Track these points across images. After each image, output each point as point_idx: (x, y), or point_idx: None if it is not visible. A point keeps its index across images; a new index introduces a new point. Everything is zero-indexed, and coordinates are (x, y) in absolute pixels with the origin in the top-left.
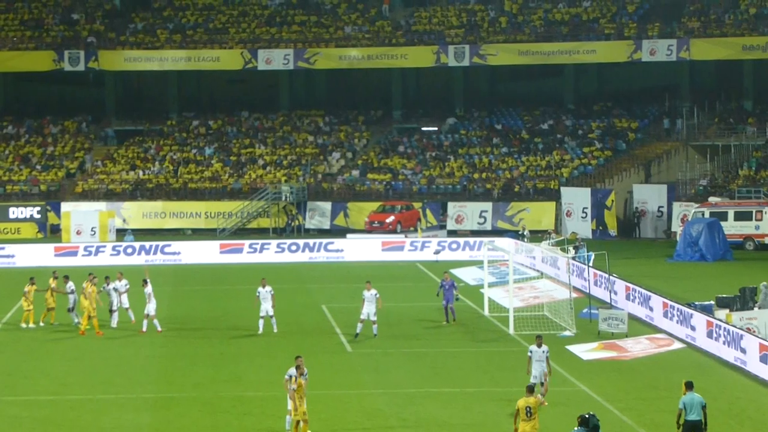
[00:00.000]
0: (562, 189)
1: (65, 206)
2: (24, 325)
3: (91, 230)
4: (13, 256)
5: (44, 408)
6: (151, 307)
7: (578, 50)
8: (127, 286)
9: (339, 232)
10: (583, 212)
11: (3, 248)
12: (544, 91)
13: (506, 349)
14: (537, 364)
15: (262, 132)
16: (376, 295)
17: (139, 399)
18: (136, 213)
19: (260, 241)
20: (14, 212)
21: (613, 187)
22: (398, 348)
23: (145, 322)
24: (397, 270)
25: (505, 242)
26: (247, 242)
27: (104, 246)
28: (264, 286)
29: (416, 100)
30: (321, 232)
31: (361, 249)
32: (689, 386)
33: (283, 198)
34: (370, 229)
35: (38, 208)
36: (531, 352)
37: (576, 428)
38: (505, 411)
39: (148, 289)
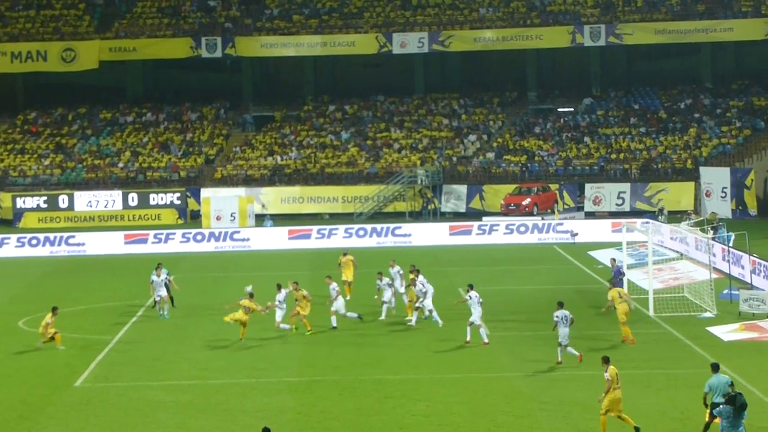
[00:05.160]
0: (701, 168)
1: (205, 192)
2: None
3: (231, 216)
4: (247, 240)
5: (187, 392)
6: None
7: (715, 28)
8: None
9: (474, 215)
10: (722, 192)
11: (238, 232)
12: (681, 69)
13: (646, 331)
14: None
15: (397, 116)
16: (479, 299)
17: (281, 383)
18: (274, 198)
19: (489, 222)
20: (154, 198)
21: (752, 166)
22: (535, 331)
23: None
24: (533, 252)
25: (659, 227)
26: (476, 224)
27: (337, 228)
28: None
29: (551, 81)
30: (456, 215)
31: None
32: (714, 368)
33: (419, 181)
34: (506, 212)
35: (178, 194)
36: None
37: (722, 405)
38: (644, 392)
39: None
